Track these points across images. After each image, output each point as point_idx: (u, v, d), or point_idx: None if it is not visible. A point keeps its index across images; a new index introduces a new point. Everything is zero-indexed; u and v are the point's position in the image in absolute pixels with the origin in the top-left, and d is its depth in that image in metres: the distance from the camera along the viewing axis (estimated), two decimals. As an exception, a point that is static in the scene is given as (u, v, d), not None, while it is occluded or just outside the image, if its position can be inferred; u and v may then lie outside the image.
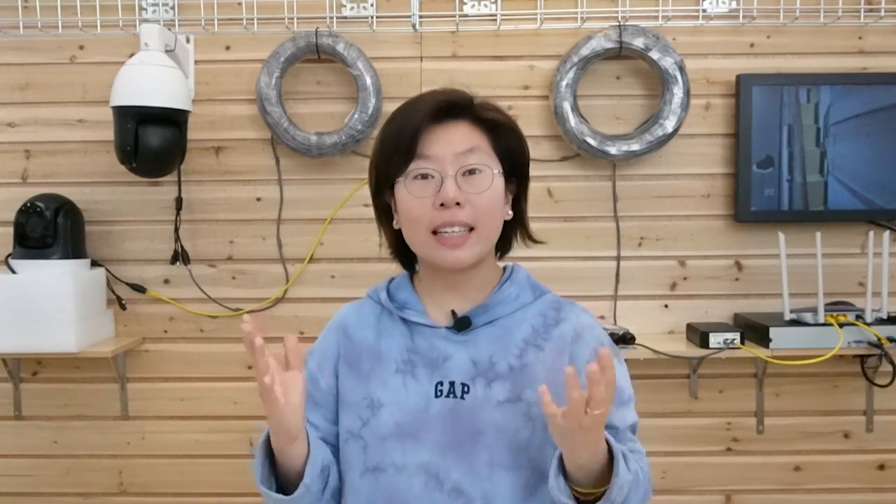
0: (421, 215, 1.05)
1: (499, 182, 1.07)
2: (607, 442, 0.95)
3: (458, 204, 1.03)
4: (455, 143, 1.05)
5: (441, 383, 1.08)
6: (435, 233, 1.05)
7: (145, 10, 2.23)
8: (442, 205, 1.03)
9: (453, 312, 1.11)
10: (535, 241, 1.17)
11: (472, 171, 1.05)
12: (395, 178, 1.06)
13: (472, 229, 1.05)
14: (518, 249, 1.20)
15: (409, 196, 1.05)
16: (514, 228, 1.16)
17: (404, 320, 1.13)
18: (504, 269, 1.18)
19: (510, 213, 1.13)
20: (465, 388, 1.07)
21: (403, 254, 1.17)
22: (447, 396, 1.07)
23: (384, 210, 1.13)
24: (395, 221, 1.11)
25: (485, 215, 1.05)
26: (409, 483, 1.06)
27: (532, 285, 1.15)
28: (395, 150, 1.05)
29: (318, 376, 1.15)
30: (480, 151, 1.06)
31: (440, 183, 1.04)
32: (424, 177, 1.05)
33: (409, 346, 1.11)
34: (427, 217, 1.04)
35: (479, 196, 1.04)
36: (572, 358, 1.08)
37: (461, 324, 1.10)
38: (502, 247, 1.17)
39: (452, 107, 1.07)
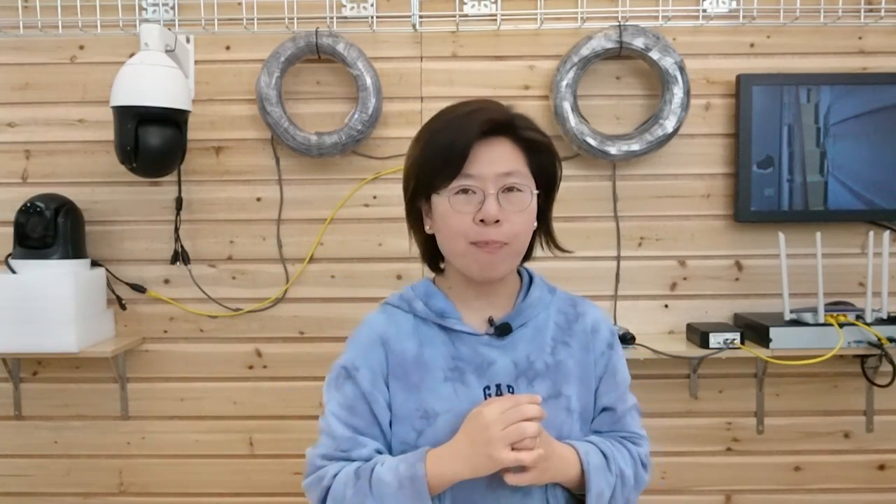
0: (461, 229, 1.08)
1: (534, 201, 1.12)
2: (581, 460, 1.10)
3: (497, 222, 1.07)
4: (497, 163, 1.09)
5: (489, 387, 1.12)
6: (473, 243, 1.09)
7: (145, 10, 2.23)
8: (482, 220, 1.07)
9: (491, 319, 1.16)
10: (563, 251, 1.23)
11: (511, 189, 1.09)
12: (436, 190, 1.10)
13: (504, 244, 1.09)
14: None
15: (451, 210, 1.09)
16: (538, 237, 1.21)
17: (442, 328, 1.15)
18: (520, 274, 1.23)
19: (535, 224, 1.16)
20: (511, 390, 1.12)
21: (432, 256, 1.21)
22: None
23: (416, 214, 1.17)
24: (427, 227, 1.15)
25: (520, 234, 1.10)
26: (473, 484, 1.07)
27: (547, 286, 1.24)
28: (443, 165, 1.08)
29: (375, 393, 1.13)
30: (519, 173, 1.10)
31: (482, 199, 1.08)
32: (465, 191, 1.08)
33: (453, 354, 1.14)
34: (469, 231, 1.08)
35: (517, 215, 1.09)
36: (592, 348, 1.19)
37: (502, 330, 1.15)
38: (526, 254, 1.21)
39: (499, 126, 1.10)
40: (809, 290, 2.16)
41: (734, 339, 2.07)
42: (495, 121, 1.09)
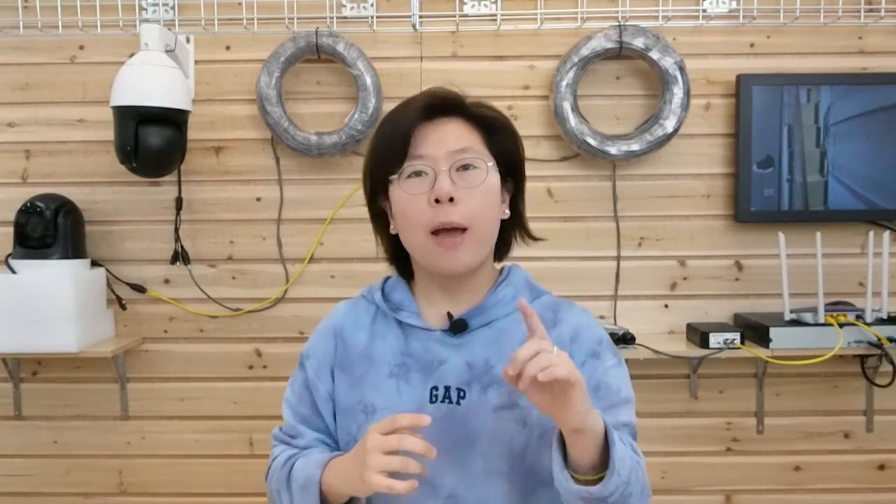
0: (417, 214, 1.02)
1: (494, 177, 1.05)
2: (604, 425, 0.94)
3: (451, 200, 1.01)
4: (448, 141, 1.03)
5: (436, 388, 1.05)
6: (434, 233, 1.02)
7: (145, 10, 2.23)
8: (437, 201, 1.01)
9: (449, 314, 1.09)
10: (535, 239, 1.15)
11: (465, 167, 1.03)
12: (388, 178, 1.05)
13: (465, 230, 1.02)
14: (519, 249, 1.19)
15: (404, 194, 1.03)
16: (513, 228, 1.14)
17: (399, 322, 1.11)
18: (501, 270, 1.15)
19: (507, 212, 1.10)
20: (461, 394, 1.04)
21: (400, 260, 1.15)
22: (442, 402, 1.04)
23: (380, 216, 1.12)
24: (391, 227, 1.09)
25: (479, 214, 1.03)
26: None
27: (530, 286, 1.14)
28: (389, 151, 1.04)
29: (317, 383, 1.13)
30: (474, 150, 1.04)
31: (434, 179, 1.02)
32: (418, 174, 1.03)
33: (402, 350, 1.08)
34: (424, 216, 1.02)
35: (474, 192, 1.02)
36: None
37: (457, 326, 1.07)
38: (501, 248, 1.14)
39: (444, 105, 1.05)
40: (809, 290, 2.16)
41: (734, 339, 2.07)
42: (438, 98, 1.05)
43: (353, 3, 2.23)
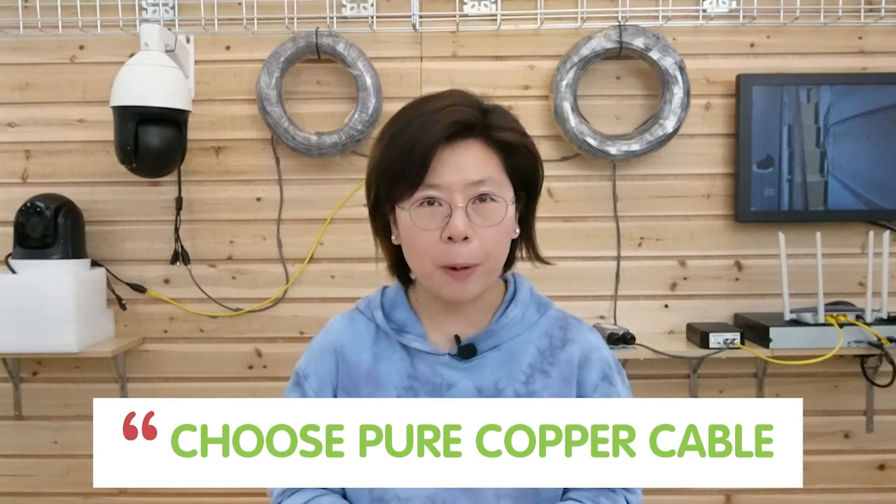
0: (427, 249, 0.97)
1: (511, 212, 1.00)
2: None
3: (466, 239, 0.96)
4: (466, 170, 0.96)
5: None
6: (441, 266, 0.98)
7: (145, 10, 2.23)
8: (450, 238, 0.96)
9: (457, 338, 1.05)
10: (544, 262, 1.09)
11: (482, 199, 0.97)
12: (397, 202, 0.99)
13: (475, 265, 0.98)
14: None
15: (414, 226, 0.97)
16: (520, 244, 1.09)
17: (403, 344, 1.06)
18: (506, 283, 1.11)
19: (517, 231, 1.05)
20: None
21: (400, 267, 1.10)
22: None
23: (382, 223, 1.06)
24: (393, 237, 1.04)
25: (493, 249, 0.98)
26: None
27: (537, 301, 1.10)
28: (402, 173, 0.96)
29: None
30: (493, 180, 0.98)
31: (448, 213, 0.95)
32: (431, 203, 0.96)
33: (409, 372, 1.04)
34: (435, 250, 0.97)
35: (489, 230, 0.97)
36: (579, 382, 1.05)
37: (466, 352, 1.03)
38: (506, 263, 1.08)
39: (467, 128, 0.97)
40: (809, 290, 2.16)
41: (734, 339, 2.07)
42: (463, 122, 0.96)
43: (353, 3, 2.23)
